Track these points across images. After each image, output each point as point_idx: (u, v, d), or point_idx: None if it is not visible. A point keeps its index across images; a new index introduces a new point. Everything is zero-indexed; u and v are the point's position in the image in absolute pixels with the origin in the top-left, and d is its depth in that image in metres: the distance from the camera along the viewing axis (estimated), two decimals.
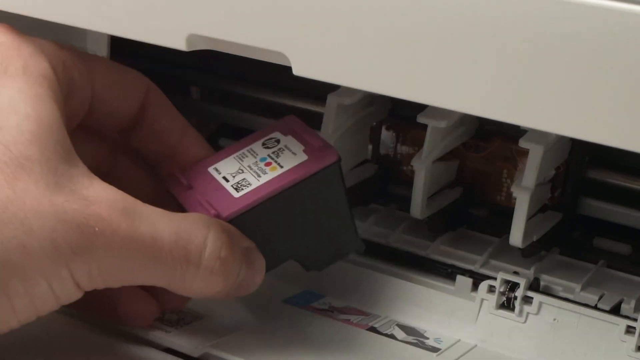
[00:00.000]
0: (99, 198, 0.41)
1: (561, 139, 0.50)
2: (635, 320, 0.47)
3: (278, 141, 0.48)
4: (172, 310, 0.50)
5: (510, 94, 0.36)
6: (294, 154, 0.47)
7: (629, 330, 0.47)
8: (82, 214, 0.41)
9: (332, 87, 0.53)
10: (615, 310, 0.49)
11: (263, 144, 0.48)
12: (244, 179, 0.47)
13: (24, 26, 0.50)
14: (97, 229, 0.40)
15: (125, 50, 0.58)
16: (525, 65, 0.36)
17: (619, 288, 0.51)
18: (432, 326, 0.51)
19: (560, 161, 0.52)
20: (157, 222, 0.42)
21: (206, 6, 0.41)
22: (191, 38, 0.42)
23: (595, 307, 0.49)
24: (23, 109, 0.42)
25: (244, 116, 0.64)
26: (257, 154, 0.48)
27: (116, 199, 0.42)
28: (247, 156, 0.48)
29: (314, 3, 0.39)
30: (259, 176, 0.47)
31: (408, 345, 0.49)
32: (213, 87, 0.66)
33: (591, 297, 0.50)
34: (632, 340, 0.47)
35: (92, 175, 0.42)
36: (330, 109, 0.53)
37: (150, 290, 0.48)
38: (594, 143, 0.36)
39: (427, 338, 0.50)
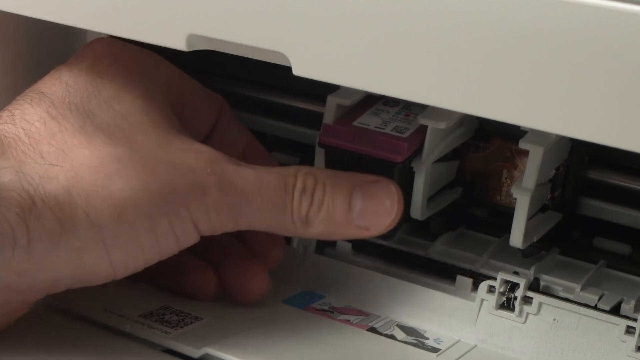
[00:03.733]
0: (206, 150, 0.48)
1: (561, 139, 0.50)
2: (635, 320, 0.47)
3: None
4: (271, 265, 0.53)
5: (510, 94, 0.36)
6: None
7: (629, 330, 0.47)
8: (194, 159, 0.47)
9: (332, 87, 0.53)
10: (615, 310, 0.49)
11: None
12: (396, 125, 0.52)
13: (24, 26, 0.50)
14: (209, 170, 0.46)
15: None
16: (525, 66, 0.36)
17: (619, 288, 0.51)
18: (432, 326, 0.51)
19: (560, 161, 0.52)
20: (256, 166, 0.48)
21: (206, 6, 0.41)
22: (191, 38, 0.42)
23: (595, 307, 0.49)
24: (135, 90, 0.49)
25: (244, 116, 0.64)
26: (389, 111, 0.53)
27: (220, 152, 0.48)
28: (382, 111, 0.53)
29: (314, 3, 0.39)
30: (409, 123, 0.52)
31: (408, 346, 0.49)
32: (213, 87, 0.66)
33: (591, 297, 0.50)
34: (632, 340, 0.47)
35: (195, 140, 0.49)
36: (330, 109, 0.53)
37: (216, 265, 0.52)
38: (594, 143, 0.36)
39: (427, 338, 0.50)
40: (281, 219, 0.48)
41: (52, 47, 0.56)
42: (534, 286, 0.50)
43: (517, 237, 0.50)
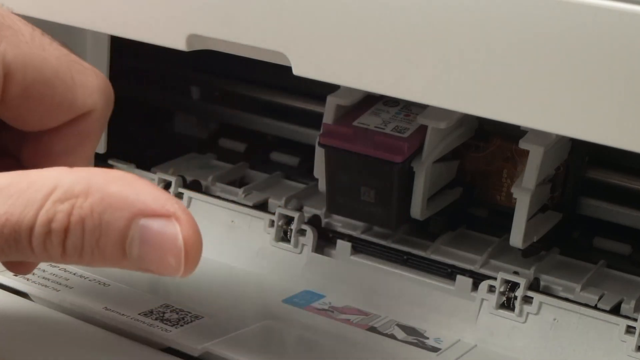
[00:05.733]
0: None
1: (561, 139, 0.50)
2: (635, 320, 0.47)
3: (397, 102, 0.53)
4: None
5: (510, 94, 0.36)
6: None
7: (629, 330, 0.47)
8: None
9: (332, 87, 0.53)
10: (615, 310, 0.49)
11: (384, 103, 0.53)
12: (396, 125, 0.51)
13: None
14: None
15: (125, 50, 0.58)
16: (525, 66, 0.36)
17: (619, 288, 0.51)
18: (432, 326, 0.51)
19: (560, 161, 0.52)
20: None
21: (206, 6, 0.41)
22: (191, 38, 0.42)
23: (595, 307, 0.49)
24: None
25: (244, 116, 0.64)
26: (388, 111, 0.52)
27: None
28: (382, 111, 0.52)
29: (313, 3, 0.39)
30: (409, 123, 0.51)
31: (408, 345, 0.49)
32: (213, 87, 0.66)
33: (591, 297, 0.50)
34: (632, 340, 0.47)
35: None
36: (329, 109, 0.53)
37: None
38: (594, 143, 0.36)
39: (427, 338, 0.50)
40: (29, 258, 0.36)
41: None
42: (534, 286, 0.50)
43: (517, 237, 0.50)
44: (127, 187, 0.35)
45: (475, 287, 0.51)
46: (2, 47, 0.39)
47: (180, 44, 0.42)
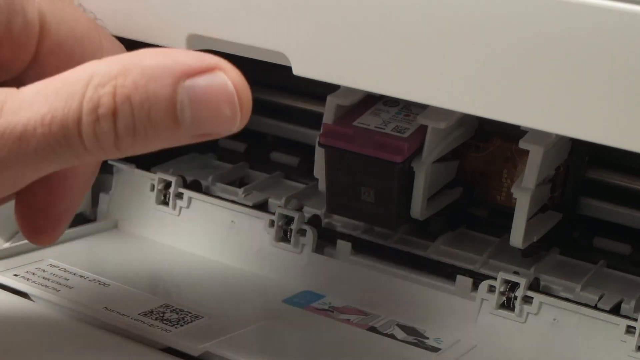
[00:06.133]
0: None
1: (561, 139, 0.50)
2: (635, 320, 0.47)
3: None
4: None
5: (510, 94, 0.37)
6: None
7: (629, 330, 0.47)
8: None
9: (332, 87, 0.53)
10: (615, 310, 0.49)
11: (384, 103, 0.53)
12: (396, 125, 0.50)
13: None
14: None
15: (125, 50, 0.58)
16: (525, 66, 0.36)
17: (619, 288, 0.51)
18: (432, 326, 0.51)
19: (560, 161, 0.52)
20: (29, 105, 0.35)
21: (206, 6, 0.41)
22: (191, 38, 0.42)
23: (595, 307, 0.49)
24: None
25: None
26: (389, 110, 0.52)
27: None
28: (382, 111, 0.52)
29: (313, 3, 0.39)
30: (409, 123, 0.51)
31: (408, 345, 0.49)
32: None
33: (591, 297, 0.50)
34: (632, 340, 0.47)
35: None
36: (329, 109, 0.53)
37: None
38: (594, 143, 0.36)
39: (427, 338, 0.50)
40: (79, 158, 0.35)
41: None
42: (534, 286, 0.50)
43: (517, 237, 0.50)
44: (162, 56, 0.35)
45: (475, 287, 0.51)
46: (38, 1, 0.38)
47: (180, 44, 0.42)
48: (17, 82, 0.39)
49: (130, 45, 0.46)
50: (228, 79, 0.35)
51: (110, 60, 0.35)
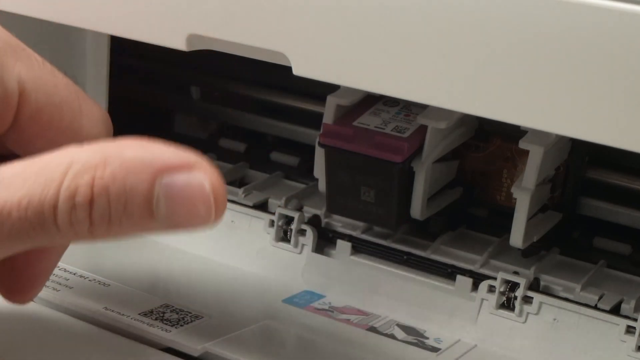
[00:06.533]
0: None
1: (561, 139, 0.50)
2: (635, 320, 0.47)
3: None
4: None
5: (510, 93, 0.36)
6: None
7: (629, 330, 0.47)
8: None
9: (332, 87, 0.53)
10: (615, 310, 0.49)
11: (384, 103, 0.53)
12: (396, 125, 0.51)
13: (25, 26, 0.50)
14: None
15: (125, 50, 0.58)
16: (525, 66, 0.36)
17: (619, 288, 0.51)
18: (432, 326, 0.51)
19: (560, 161, 0.52)
20: (10, 184, 0.35)
21: (206, 6, 0.41)
22: (191, 38, 0.42)
23: (595, 307, 0.49)
24: None
25: (244, 116, 0.64)
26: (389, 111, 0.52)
27: None
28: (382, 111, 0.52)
29: (314, 3, 0.39)
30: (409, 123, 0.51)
31: (408, 345, 0.49)
32: (213, 87, 0.66)
33: (591, 297, 0.50)
34: (632, 340, 0.47)
35: None
36: (329, 109, 0.53)
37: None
38: (594, 143, 0.36)
39: (427, 338, 0.50)
40: (52, 241, 0.36)
41: (51, 47, 0.56)
42: (534, 286, 0.50)
43: (517, 237, 0.50)
44: (143, 150, 0.35)
45: (475, 287, 0.51)
46: (18, 68, 0.39)
47: (180, 44, 0.42)
48: None
49: (131, 44, 0.46)
50: (206, 179, 0.35)
51: (91, 149, 0.35)
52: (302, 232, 0.55)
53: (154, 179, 0.35)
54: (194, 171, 0.35)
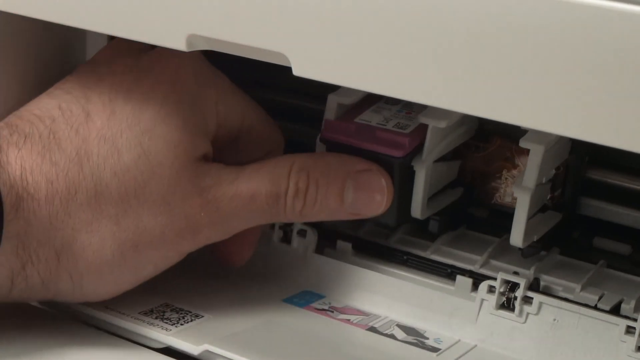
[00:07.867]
0: (207, 183, 0.48)
1: (561, 139, 0.50)
2: (635, 320, 0.47)
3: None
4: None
5: (510, 94, 0.36)
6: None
7: (629, 330, 0.47)
8: (189, 207, 0.48)
9: (332, 87, 0.53)
10: (615, 310, 0.49)
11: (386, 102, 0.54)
12: (398, 122, 0.52)
13: (24, 26, 0.50)
14: (202, 214, 0.48)
15: None
16: (526, 66, 0.36)
17: (619, 288, 0.51)
18: (432, 326, 0.51)
19: (560, 161, 0.52)
20: (249, 170, 0.49)
21: (206, 6, 0.41)
22: (191, 38, 0.42)
23: (595, 307, 0.49)
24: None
25: None
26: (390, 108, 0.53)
27: (217, 176, 0.49)
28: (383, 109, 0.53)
29: (314, 3, 0.39)
30: (410, 120, 0.52)
31: (408, 345, 0.49)
32: None
33: (591, 297, 0.50)
34: (632, 340, 0.47)
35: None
36: (330, 107, 0.53)
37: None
38: (594, 143, 0.36)
39: (427, 338, 0.50)
40: (274, 219, 0.50)
41: (51, 47, 0.56)
42: (534, 286, 0.50)
43: (517, 237, 0.50)
44: (338, 157, 0.51)
45: (475, 287, 0.51)
46: (214, 97, 0.51)
47: (180, 44, 0.42)
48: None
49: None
50: (381, 177, 0.50)
51: (304, 154, 0.51)
52: (302, 233, 0.55)
53: (346, 175, 0.50)
54: (374, 171, 0.50)
